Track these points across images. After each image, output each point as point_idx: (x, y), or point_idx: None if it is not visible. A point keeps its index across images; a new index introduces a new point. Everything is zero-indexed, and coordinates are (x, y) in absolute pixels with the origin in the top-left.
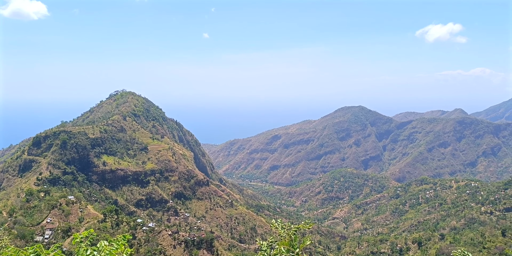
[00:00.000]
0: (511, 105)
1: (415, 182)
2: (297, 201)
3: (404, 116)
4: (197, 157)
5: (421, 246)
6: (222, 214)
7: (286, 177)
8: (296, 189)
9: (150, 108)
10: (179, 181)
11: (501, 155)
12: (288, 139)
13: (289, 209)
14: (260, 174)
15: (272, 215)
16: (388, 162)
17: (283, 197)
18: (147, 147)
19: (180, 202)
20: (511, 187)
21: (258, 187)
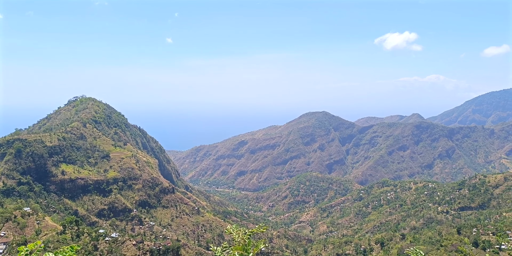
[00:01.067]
0: (463, 110)
1: (376, 185)
2: (264, 206)
3: (365, 121)
4: (162, 164)
5: (384, 246)
6: (189, 221)
7: (253, 182)
8: (263, 194)
9: (112, 115)
10: (143, 189)
11: (455, 157)
12: (254, 144)
13: (256, 214)
14: (227, 180)
15: (240, 221)
16: (351, 166)
17: (251, 203)
18: (109, 155)
19: (144, 210)
20: (465, 187)
21: (225, 193)
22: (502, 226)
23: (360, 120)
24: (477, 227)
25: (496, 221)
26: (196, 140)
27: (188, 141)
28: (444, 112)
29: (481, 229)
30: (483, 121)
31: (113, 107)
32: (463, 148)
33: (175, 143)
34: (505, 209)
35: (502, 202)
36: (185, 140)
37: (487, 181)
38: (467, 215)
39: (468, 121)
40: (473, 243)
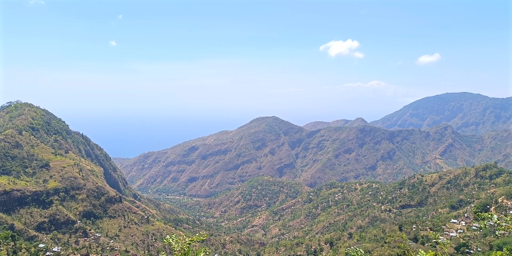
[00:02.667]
0: (402, 114)
1: (325, 187)
2: (217, 211)
3: (313, 125)
4: (108, 172)
5: (333, 246)
6: (138, 231)
7: (205, 188)
8: (215, 200)
9: (51, 121)
10: (88, 199)
11: (396, 159)
12: (205, 150)
13: (208, 221)
14: (177, 187)
15: (192, 228)
16: (301, 169)
17: (203, 209)
18: (48, 164)
19: (89, 222)
20: (405, 186)
21: (176, 201)
22: (438, 222)
23: (308, 124)
24: (417, 223)
25: (433, 217)
26: (144, 147)
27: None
28: (385, 116)
29: (420, 225)
30: (420, 124)
31: (52, 113)
32: (402, 150)
33: (122, 150)
34: (440, 205)
35: (437, 199)
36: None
37: (424, 180)
38: (407, 213)
39: (406, 124)
40: (413, 239)
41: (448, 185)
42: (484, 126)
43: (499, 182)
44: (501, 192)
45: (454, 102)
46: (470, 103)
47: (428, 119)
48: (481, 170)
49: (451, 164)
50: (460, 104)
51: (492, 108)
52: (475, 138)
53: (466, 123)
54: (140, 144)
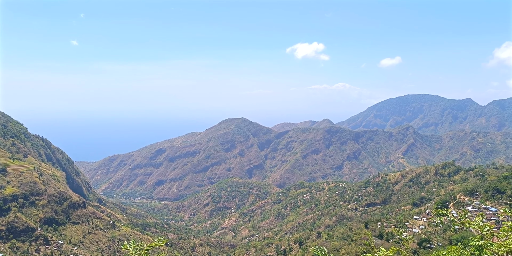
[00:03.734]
0: (366, 115)
1: (293, 187)
2: (186, 215)
3: (281, 126)
4: (70, 176)
5: (302, 245)
6: (103, 237)
7: (173, 191)
8: (184, 203)
9: (8, 124)
10: (49, 205)
11: (361, 158)
12: (173, 152)
13: (177, 224)
14: (144, 190)
15: (160, 232)
16: (270, 170)
17: (171, 212)
18: (5, 169)
19: (51, 228)
20: (370, 185)
21: (143, 205)
22: (401, 218)
23: (277, 125)
24: (381, 220)
25: (397, 214)
26: (109, 150)
27: (99, 151)
28: (350, 117)
29: (384, 223)
30: (383, 125)
31: (9, 115)
32: (367, 150)
33: (85, 153)
34: (403, 203)
35: (401, 197)
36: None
37: (388, 179)
38: (373, 211)
39: (371, 125)
40: (379, 236)
41: (410, 183)
42: (443, 127)
43: (457, 180)
44: (459, 189)
45: (415, 104)
46: (429, 105)
47: (391, 120)
48: (440, 168)
49: (413, 163)
50: (421, 105)
51: (450, 109)
52: (434, 138)
53: (426, 123)
54: (104, 147)
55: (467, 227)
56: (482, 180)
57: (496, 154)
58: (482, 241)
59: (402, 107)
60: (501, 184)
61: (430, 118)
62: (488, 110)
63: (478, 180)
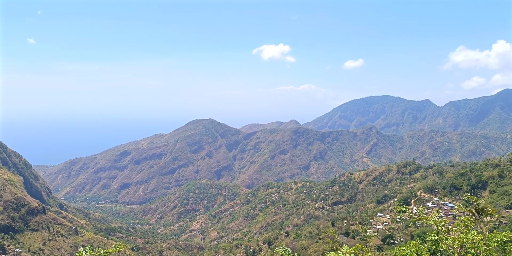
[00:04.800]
0: (332, 116)
1: (262, 187)
2: (152, 218)
3: (249, 127)
4: (28, 181)
5: (271, 245)
6: (65, 243)
7: (139, 194)
8: (150, 206)
9: None
10: (5, 211)
11: (327, 158)
12: (139, 154)
13: (144, 228)
14: (109, 194)
15: (125, 237)
16: (239, 171)
17: (137, 216)
18: None
19: (8, 236)
20: (336, 184)
21: (107, 209)
22: (366, 216)
23: (245, 126)
24: (347, 218)
25: (362, 212)
26: (70, 153)
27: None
28: (316, 118)
29: (350, 220)
30: (348, 126)
31: None
32: (333, 149)
33: (44, 157)
34: (368, 201)
35: (365, 195)
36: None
37: (353, 178)
38: (339, 209)
39: (336, 125)
40: (345, 233)
41: (374, 182)
42: (404, 127)
43: (417, 177)
44: (419, 186)
45: (378, 105)
46: (391, 106)
47: (355, 120)
48: (402, 166)
49: (376, 162)
50: (383, 106)
51: (410, 110)
52: (396, 137)
53: (388, 124)
54: (65, 149)
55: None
56: (440, 177)
57: (452, 153)
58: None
59: (366, 108)
60: (457, 181)
61: (392, 119)
62: (445, 110)
63: (436, 178)
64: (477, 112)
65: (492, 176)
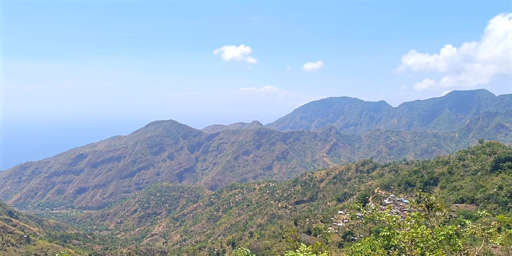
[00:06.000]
0: (293, 117)
1: (225, 189)
2: (112, 223)
3: (212, 128)
4: None
5: (235, 246)
6: (16, 253)
7: (97, 199)
8: (109, 211)
9: None
10: None
11: (289, 158)
12: (96, 157)
13: (102, 234)
14: (64, 200)
15: (83, 244)
16: (201, 172)
17: (95, 222)
18: None
19: None
20: (298, 184)
21: (62, 215)
22: (327, 214)
23: (207, 128)
24: (309, 217)
25: (323, 210)
26: (20, 156)
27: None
28: (278, 119)
29: (312, 219)
30: (309, 126)
31: None
32: (295, 150)
33: None
34: (329, 199)
35: (326, 193)
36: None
37: (314, 177)
38: (301, 208)
39: (297, 126)
40: (307, 231)
41: (334, 180)
42: (361, 127)
43: (375, 175)
44: (376, 184)
45: (336, 106)
46: (349, 107)
47: (316, 121)
48: (360, 165)
49: (336, 161)
50: (341, 107)
51: (367, 110)
52: (354, 137)
53: (347, 124)
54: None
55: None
56: (396, 175)
57: (406, 151)
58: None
59: (325, 109)
60: (411, 178)
61: (350, 119)
62: (399, 111)
63: (392, 175)
64: (428, 112)
65: (443, 173)
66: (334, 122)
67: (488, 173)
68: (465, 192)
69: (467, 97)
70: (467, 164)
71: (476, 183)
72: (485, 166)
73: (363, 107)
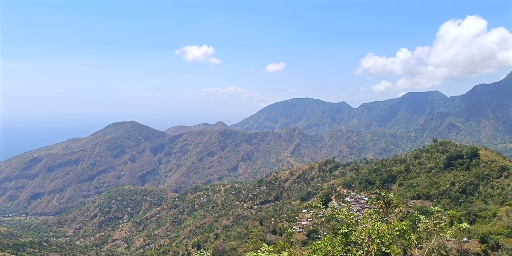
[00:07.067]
0: (258, 118)
1: (190, 191)
2: (70, 229)
3: (175, 129)
4: None
5: (200, 249)
6: None
7: (53, 204)
8: (67, 216)
9: None
10: None
11: (254, 159)
12: (52, 161)
13: (60, 241)
14: (17, 206)
15: (38, 252)
16: (165, 175)
17: (52, 228)
18: None
19: None
20: (263, 184)
21: (15, 222)
22: (292, 213)
23: (170, 129)
24: (274, 217)
25: (288, 210)
26: None
27: None
28: (243, 120)
29: (277, 218)
30: (273, 127)
31: None
32: (260, 150)
33: None
34: (293, 198)
35: (290, 193)
36: None
37: (279, 177)
38: (266, 208)
39: (262, 127)
40: (273, 231)
41: (299, 180)
42: (324, 127)
43: (337, 174)
44: (338, 183)
45: (299, 107)
46: (312, 108)
47: (280, 122)
48: (323, 165)
49: (300, 161)
50: (304, 108)
51: (329, 111)
52: (317, 137)
53: (310, 124)
54: None
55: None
56: (357, 173)
57: (366, 150)
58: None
59: (289, 110)
60: (371, 176)
61: (313, 120)
62: (359, 112)
63: (353, 174)
64: (386, 113)
65: (400, 171)
66: (298, 122)
67: (441, 170)
68: (421, 188)
69: (422, 99)
70: (422, 162)
71: (430, 180)
72: (438, 163)
73: (325, 108)
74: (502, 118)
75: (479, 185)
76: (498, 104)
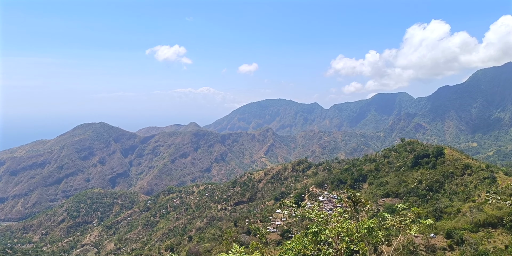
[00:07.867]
0: (231, 119)
1: (162, 193)
2: (36, 235)
3: (147, 131)
4: None
5: (173, 252)
6: None
7: (17, 210)
8: (32, 222)
9: None
10: None
11: (228, 160)
12: (15, 164)
13: (25, 248)
14: None
15: None
16: (136, 177)
17: (16, 235)
18: None
19: None
20: (237, 185)
21: None
22: (266, 213)
23: (141, 130)
24: (249, 217)
25: (262, 210)
26: None
27: None
28: (216, 121)
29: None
30: (246, 128)
31: None
32: (233, 151)
33: None
34: (267, 199)
35: (264, 193)
36: None
37: (253, 177)
38: (241, 209)
39: (235, 128)
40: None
41: (272, 180)
42: (296, 128)
43: (310, 174)
44: (311, 182)
45: (273, 107)
46: (285, 108)
47: (253, 122)
48: (296, 165)
49: (273, 161)
50: (277, 109)
51: (301, 112)
52: (290, 138)
53: (283, 125)
54: None
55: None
56: (329, 173)
57: (338, 150)
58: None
59: (262, 111)
60: (343, 175)
61: (286, 121)
62: (330, 112)
63: (326, 174)
64: (357, 114)
65: (370, 170)
66: (271, 123)
67: (409, 169)
68: (390, 187)
69: (390, 100)
70: (391, 161)
71: (399, 178)
72: (406, 162)
73: (297, 109)
74: (465, 118)
75: (444, 182)
76: (461, 105)
